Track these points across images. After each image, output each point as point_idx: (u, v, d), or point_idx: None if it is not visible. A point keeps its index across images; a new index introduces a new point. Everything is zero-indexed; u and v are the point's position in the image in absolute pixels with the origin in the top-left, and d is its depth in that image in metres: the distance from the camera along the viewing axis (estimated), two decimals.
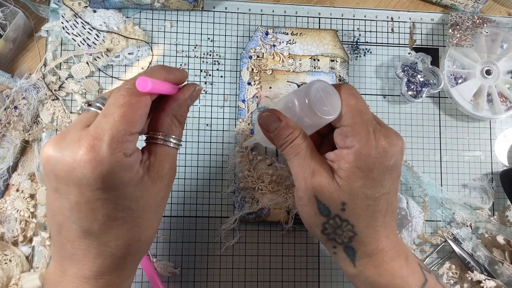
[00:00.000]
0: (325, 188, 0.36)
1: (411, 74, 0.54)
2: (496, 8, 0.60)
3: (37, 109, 0.50)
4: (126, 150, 0.30)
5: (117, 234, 0.32)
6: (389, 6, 0.58)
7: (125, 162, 0.30)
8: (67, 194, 0.30)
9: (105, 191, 0.30)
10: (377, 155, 0.35)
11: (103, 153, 0.29)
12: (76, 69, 0.51)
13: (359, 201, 0.36)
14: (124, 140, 0.30)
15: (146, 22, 0.53)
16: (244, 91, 0.52)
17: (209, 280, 0.50)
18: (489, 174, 0.56)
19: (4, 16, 0.48)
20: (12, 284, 0.46)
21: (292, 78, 0.53)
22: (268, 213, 0.50)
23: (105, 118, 0.30)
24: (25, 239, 0.48)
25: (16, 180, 0.49)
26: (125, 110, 0.30)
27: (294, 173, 0.38)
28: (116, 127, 0.29)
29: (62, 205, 0.31)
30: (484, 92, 0.55)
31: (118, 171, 0.30)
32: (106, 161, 0.29)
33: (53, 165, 0.30)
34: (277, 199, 0.50)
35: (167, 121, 0.35)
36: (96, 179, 0.29)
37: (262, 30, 0.53)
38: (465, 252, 0.51)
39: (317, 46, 0.54)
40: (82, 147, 0.29)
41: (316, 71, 0.53)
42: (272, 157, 0.51)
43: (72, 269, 0.32)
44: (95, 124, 0.30)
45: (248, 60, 0.53)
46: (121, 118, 0.30)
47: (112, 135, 0.29)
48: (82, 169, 0.29)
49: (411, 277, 0.37)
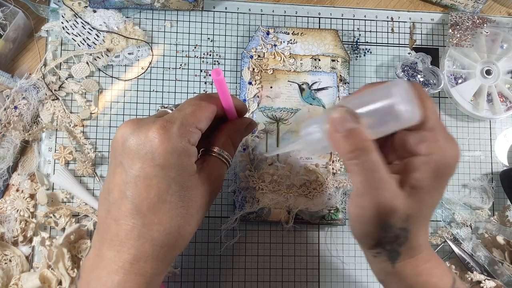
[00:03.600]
0: (393, 206, 0.32)
1: (411, 74, 0.54)
2: (496, 8, 0.60)
3: (37, 109, 0.50)
4: (190, 138, 0.34)
5: (161, 219, 0.33)
6: (389, 6, 0.58)
7: (188, 147, 0.34)
8: (130, 168, 0.33)
9: (163, 168, 0.33)
10: (453, 164, 0.33)
11: (172, 133, 0.33)
12: (76, 69, 0.51)
13: (423, 211, 0.34)
14: (191, 130, 0.34)
15: (146, 22, 0.53)
16: (245, 90, 0.52)
17: (209, 280, 0.50)
18: (489, 174, 0.56)
19: (4, 16, 0.48)
20: (12, 284, 0.46)
21: (293, 77, 0.53)
22: (269, 213, 0.50)
23: (178, 111, 0.35)
24: (25, 239, 0.48)
25: (16, 180, 0.49)
26: (195, 108, 0.35)
27: (359, 188, 0.33)
28: (186, 118, 0.34)
29: (121, 178, 0.33)
30: (484, 92, 0.55)
31: (180, 153, 0.33)
32: (173, 141, 0.33)
33: (126, 138, 0.33)
34: (278, 198, 0.50)
35: (223, 139, 0.39)
36: (160, 154, 0.32)
37: (263, 29, 0.54)
38: (465, 252, 0.51)
39: (318, 46, 0.54)
40: (155, 126, 0.33)
41: (317, 71, 0.53)
42: (273, 157, 0.51)
43: (110, 252, 0.33)
44: (169, 115, 0.35)
45: (249, 60, 0.53)
46: (191, 112, 0.35)
47: (182, 122, 0.34)
48: (150, 143, 0.32)
49: (445, 276, 0.37)
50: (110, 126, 0.51)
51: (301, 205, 0.50)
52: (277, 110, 0.52)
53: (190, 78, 0.53)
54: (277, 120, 0.52)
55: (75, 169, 0.50)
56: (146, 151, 0.32)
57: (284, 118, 0.52)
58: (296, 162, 0.51)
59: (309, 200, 0.50)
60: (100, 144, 0.51)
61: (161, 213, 0.33)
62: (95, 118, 0.51)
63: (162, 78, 0.53)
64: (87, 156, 0.50)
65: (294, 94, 0.53)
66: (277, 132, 0.52)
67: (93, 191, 0.50)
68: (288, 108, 0.52)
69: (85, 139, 0.51)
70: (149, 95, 0.52)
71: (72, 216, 0.49)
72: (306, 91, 0.53)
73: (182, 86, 0.53)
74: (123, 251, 0.33)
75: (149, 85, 0.52)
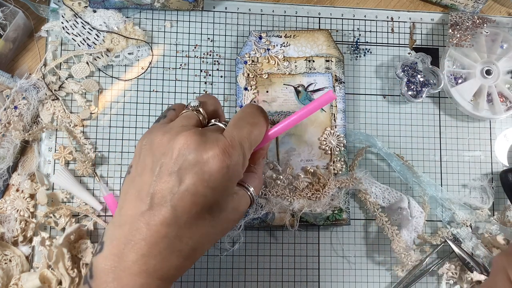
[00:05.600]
0: None
1: (411, 74, 0.54)
2: (496, 8, 0.60)
3: (37, 109, 0.50)
4: (245, 165, 0.36)
5: (193, 234, 0.34)
6: (389, 6, 0.58)
7: (239, 172, 0.36)
8: (181, 181, 0.33)
9: (214, 191, 0.33)
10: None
11: (231, 160, 0.34)
12: (76, 69, 0.51)
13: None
14: (248, 157, 0.36)
15: (146, 22, 0.53)
16: (241, 96, 0.52)
17: (209, 280, 0.50)
18: (489, 174, 0.56)
19: (4, 16, 0.48)
20: (12, 284, 0.46)
21: (288, 80, 0.53)
22: (273, 218, 0.50)
23: (237, 130, 0.36)
24: (25, 239, 0.48)
25: (16, 180, 0.49)
26: (253, 129, 0.36)
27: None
28: (245, 141, 0.35)
29: (168, 186, 0.33)
30: (484, 92, 0.55)
31: (233, 180, 0.35)
32: (231, 169, 0.34)
33: (187, 151, 0.33)
34: (282, 202, 0.50)
35: (252, 173, 0.40)
36: (216, 179, 0.33)
37: (255, 34, 0.53)
38: (465, 252, 0.51)
39: (311, 47, 0.54)
40: (218, 148, 0.33)
41: (312, 72, 0.53)
42: (274, 161, 0.51)
43: (133, 255, 0.33)
44: (229, 133, 0.35)
45: (244, 66, 0.52)
46: (249, 134, 0.36)
47: (242, 148, 0.35)
48: (210, 166, 0.33)
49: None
50: (110, 126, 0.51)
51: (305, 207, 0.49)
52: (275, 114, 0.52)
53: (190, 78, 0.53)
54: (275, 124, 0.52)
55: (75, 169, 0.50)
56: (204, 171, 0.33)
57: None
58: (297, 165, 0.51)
59: (312, 202, 0.50)
60: (100, 144, 0.51)
61: (195, 228, 0.34)
62: (95, 118, 0.51)
63: (162, 78, 0.53)
64: (87, 156, 0.50)
65: (290, 97, 0.52)
66: (276, 137, 0.52)
67: (93, 191, 0.50)
68: (286, 111, 0.52)
69: (85, 139, 0.51)
70: (149, 95, 0.52)
71: (72, 216, 0.49)
72: (303, 93, 0.52)
73: (182, 86, 0.53)
74: (150, 256, 0.33)
75: (149, 85, 0.52)
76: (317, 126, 0.52)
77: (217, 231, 0.36)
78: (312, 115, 0.51)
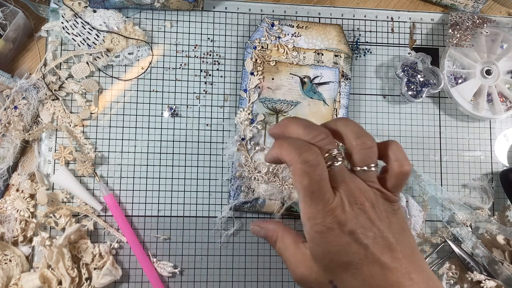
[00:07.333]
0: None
1: (411, 74, 0.54)
2: (496, 8, 0.60)
3: (37, 109, 0.50)
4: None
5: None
6: (389, 6, 0.58)
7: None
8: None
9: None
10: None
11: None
12: (76, 69, 0.51)
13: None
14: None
15: (146, 22, 0.53)
16: (246, 80, 0.52)
17: (209, 280, 0.50)
18: (489, 174, 0.56)
19: (4, 16, 0.48)
20: (12, 284, 0.46)
21: (295, 70, 0.53)
22: (263, 204, 0.50)
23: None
24: (25, 239, 0.48)
25: (16, 180, 0.49)
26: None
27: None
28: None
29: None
30: (484, 92, 0.55)
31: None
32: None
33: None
34: (273, 190, 0.50)
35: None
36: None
37: (268, 21, 0.54)
38: (465, 252, 0.51)
39: (322, 40, 0.54)
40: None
41: (319, 65, 0.53)
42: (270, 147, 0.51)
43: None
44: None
45: (252, 51, 0.53)
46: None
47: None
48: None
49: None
50: (110, 126, 0.51)
51: (295, 197, 0.50)
52: (277, 102, 0.52)
53: (190, 78, 0.53)
54: (276, 112, 0.52)
55: (75, 169, 0.50)
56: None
57: (284, 110, 0.52)
58: None
59: None
60: (100, 144, 0.51)
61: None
62: (95, 118, 0.51)
63: (162, 78, 0.53)
64: (87, 156, 0.50)
65: (295, 87, 0.53)
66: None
67: (93, 191, 0.50)
68: (289, 100, 0.52)
69: (85, 139, 0.51)
70: (149, 95, 0.52)
71: (72, 216, 0.49)
72: (308, 84, 0.53)
73: (182, 86, 0.53)
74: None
75: (149, 85, 0.52)
76: (318, 118, 0.52)
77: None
78: (314, 108, 0.52)
